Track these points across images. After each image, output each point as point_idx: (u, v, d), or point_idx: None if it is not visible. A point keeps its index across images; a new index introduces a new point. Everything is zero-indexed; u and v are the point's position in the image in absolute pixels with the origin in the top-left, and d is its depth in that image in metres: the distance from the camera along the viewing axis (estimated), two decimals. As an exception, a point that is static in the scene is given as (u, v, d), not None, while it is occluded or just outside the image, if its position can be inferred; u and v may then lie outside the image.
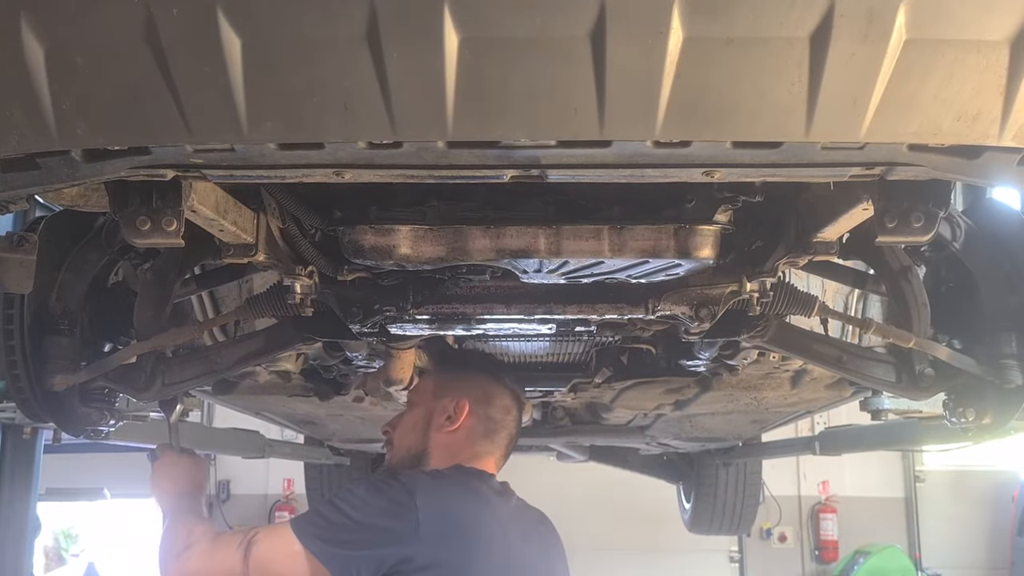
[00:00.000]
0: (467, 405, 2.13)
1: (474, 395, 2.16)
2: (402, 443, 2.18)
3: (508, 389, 2.23)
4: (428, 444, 2.12)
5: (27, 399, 2.23)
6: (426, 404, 2.19)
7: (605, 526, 11.17)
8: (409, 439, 2.17)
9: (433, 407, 2.16)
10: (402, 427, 2.21)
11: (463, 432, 2.11)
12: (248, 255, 1.83)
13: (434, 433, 2.13)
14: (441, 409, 2.14)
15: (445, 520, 1.89)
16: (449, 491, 1.98)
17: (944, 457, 10.53)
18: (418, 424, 2.17)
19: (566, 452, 5.30)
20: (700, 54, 1.12)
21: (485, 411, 2.16)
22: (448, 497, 1.96)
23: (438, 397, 2.18)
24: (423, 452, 2.13)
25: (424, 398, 2.21)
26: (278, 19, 1.11)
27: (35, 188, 1.36)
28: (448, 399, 2.15)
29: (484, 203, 1.82)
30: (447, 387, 2.20)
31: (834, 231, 1.76)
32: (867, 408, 3.68)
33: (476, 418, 2.14)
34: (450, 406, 2.14)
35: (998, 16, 1.12)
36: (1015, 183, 1.34)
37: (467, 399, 2.14)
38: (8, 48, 1.13)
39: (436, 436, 2.12)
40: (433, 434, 2.13)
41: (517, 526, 2.09)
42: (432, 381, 2.27)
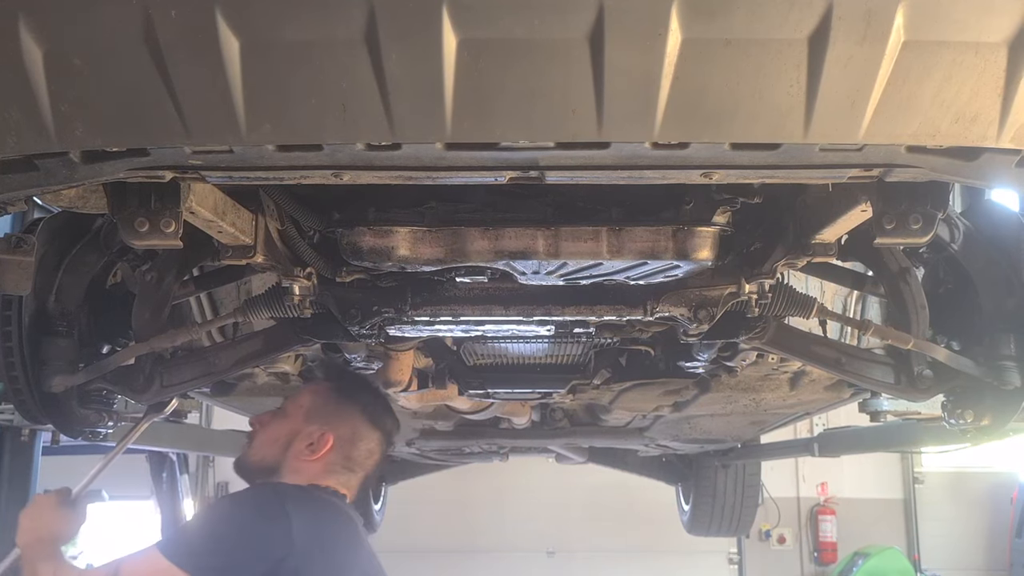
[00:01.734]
0: (331, 440, 2.08)
1: (342, 431, 2.11)
2: (260, 450, 2.14)
3: (379, 431, 2.18)
4: (283, 463, 2.08)
5: (25, 401, 2.23)
6: (295, 422, 2.13)
7: (604, 528, 11.16)
8: (267, 450, 2.12)
9: (299, 429, 2.11)
10: (266, 434, 2.16)
11: (320, 464, 2.07)
12: (247, 256, 1.83)
13: (291, 456, 2.08)
14: (306, 435, 2.09)
15: (315, 528, 1.89)
16: (315, 502, 1.98)
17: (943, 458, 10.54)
18: (280, 439, 2.12)
19: (565, 454, 5.30)
20: (699, 55, 1.12)
21: (347, 450, 2.11)
22: (315, 508, 1.96)
23: (308, 420, 2.12)
24: (276, 469, 2.08)
25: (295, 413, 2.15)
26: (276, 20, 1.11)
27: (33, 189, 1.36)
28: (316, 427, 2.10)
29: (483, 205, 1.82)
30: (320, 413, 2.14)
31: (832, 233, 1.77)
32: (866, 409, 3.68)
33: (336, 455, 2.09)
34: (316, 434, 2.08)
35: (996, 18, 1.12)
36: (1013, 184, 1.35)
37: (333, 434, 2.09)
38: (7, 49, 1.13)
39: (293, 460, 2.08)
40: (291, 457, 2.08)
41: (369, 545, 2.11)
42: (310, 399, 2.21)
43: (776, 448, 5.37)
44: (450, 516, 10.92)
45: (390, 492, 6.84)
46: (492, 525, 11.20)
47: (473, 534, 11.11)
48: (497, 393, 3.16)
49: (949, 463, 10.98)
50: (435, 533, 10.72)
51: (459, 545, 10.97)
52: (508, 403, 3.57)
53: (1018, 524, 10.39)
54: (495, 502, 11.18)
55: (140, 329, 2.20)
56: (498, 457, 5.48)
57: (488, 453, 5.18)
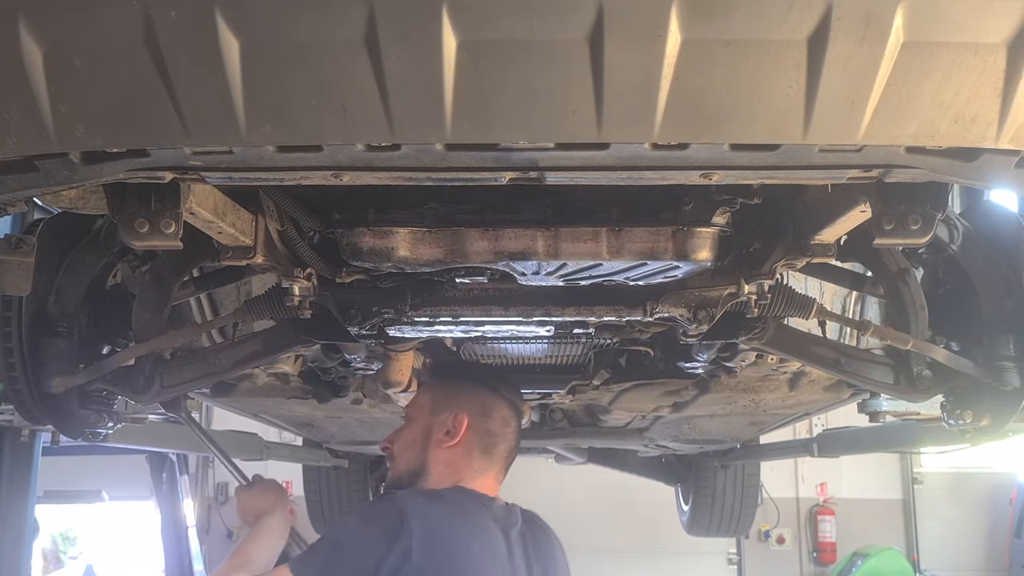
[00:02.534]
0: (466, 419, 2.10)
1: (473, 409, 2.13)
2: (402, 459, 2.15)
3: (506, 400, 2.19)
4: (427, 460, 2.09)
5: (25, 401, 2.23)
6: (424, 419, 2.16)
7: (603, 528, 11.17)
8: (408, 455, 2.14)
9: (431, 422, 2.13)
10: (400, 443, 2.18)
11: (463, 447, 2.08)
12: (246, 257, 1.83)
13: (433, 449, 2.10)
14: (440, 424, 2.11)
15: (438, 542, 1.87)
16: (444, 513, 1.95)
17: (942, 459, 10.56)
18: (416, 440, 2.14)
19: (564, 454, 5.29)
20: (698, 56, 1.12)
21: (484, 425, 2.13)
22: (442, 520, 1.93)
23: (436, 412, 2.15)
24: (422, 468, 2.10)
25: (422, 413, 2.18)
26: (276, 21, 1.11)
27: (33, 190, 1.36)
28: (446, 414, 2.12)
29: (482, 205, 1.82)
30: (444, 401, 2.17)
31: (832, 233, 1.77)
32: (865, 410, 3.68)
33: (475, 432, 2.10)
34: (449, 420, 2.10)
35: (995, 18, 1.12)
36: (1012, 185, 1.35)
37: (466, 413, 2.11)
38: (7, 50, 1.13)
39: (435, 452, 2.09)
40: (432, 450, 2.10)
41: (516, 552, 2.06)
42: (429, 395, 2.24)
43: (775, 448, 5.37)
44: (450, 516, 10.92)
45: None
46: (492, 525, 11.19)
47: (473, 534, 11.10)
48: (496, 393, 3.16)
49: (948, 463, 11.00)
50: (435, 533, 10.71)
51: (459, 545, 10.96)
52: (507, 404, 3.56)
53: (1017, 524, 10.41)
54: (495, 502, 11.16)
55: (140, 330, 2.20)
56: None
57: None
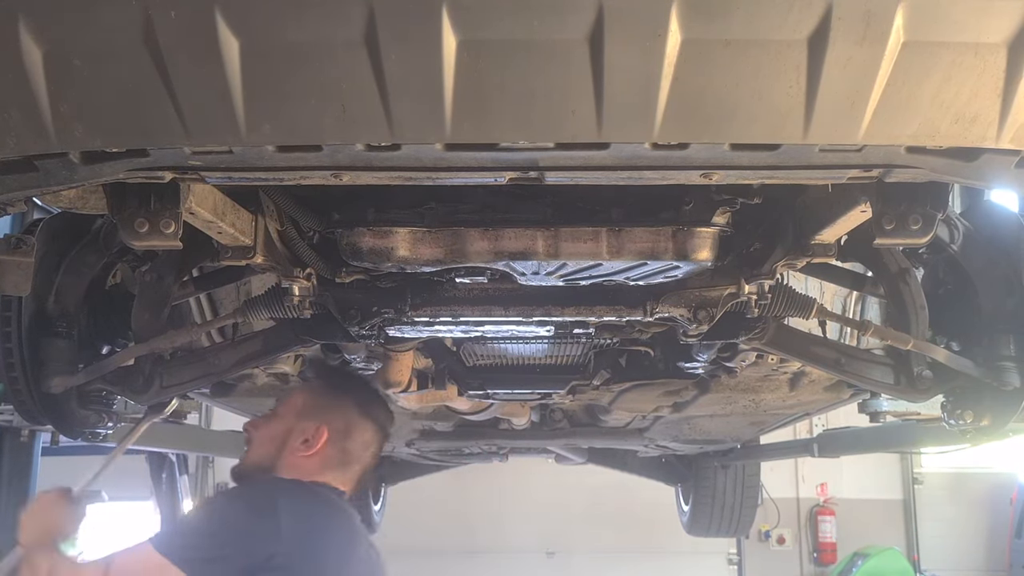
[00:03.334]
0: (326, 434, 2.09)
1: (336, 425, 2.12)
2: (256, 451, 2.14)
3: (373, 423, 2.19)
4: (279, 462, 2.08)
5: (25, 401, 2.23)
6: (288, 421, 2.14)
7: (603, 528, 11.16)
8: (263, 450, 2.13)
9: (293, 426, 2.12)
10: (261, 434, 2.17)
11: (316, 459, 2.08)
12: (246, 257, 1.83)
13: (288, 453, 2.09)
14: (300, 431, 2.10)
15: (306, 523, 1.89)
16: (309, 497, 1.99)
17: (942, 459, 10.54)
18: (276, 438, 2.12)
19: (564, 454, 5.29)
20: (698, 56, 1.12)
21: (342, 443, 2.12)
22: (308, 503, 1.97)
23: (301, 417, 2.13)
24: (273, 467, 2.08)
25: (288, 414, 2.16)
26: (276, 21, 1.11)
27: (33, 190, 1.36)
28: (310, 423, 2.10)
29: (482, 205, 1.82)
30: (312, 409, 2.15)
31: (832, 233, 1.77)
32: (865, 410, 3.68)
33: (332, 448, 2.10)
34: (311, 430, 2.09)
35: (995, 19, 1.12)
36: (1013, 185, 1.35)
37: (327, 428, 2.10)
38: (7, 50, 1.13)
39: (289, 456, 2.08)
40: (287, 454, 2.09)
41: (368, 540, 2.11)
42: (302, 398, 2.22)
43: (776, 449, 5.37)
44: (450, 516, 10.92)
45: (390, 492, 6.83)
46: (492, 525, 11.20)
47: (473, 534, 11.11)
48: (496, 394, 3.16)
49: (949, 464, 10.99)
50: (435, 533, 10.71)
51: (459, 545, 10.97)
52: (507, 404, 3.57)
53: (1017, 524, 10.39)
54: (495, 502, 11.17)
55: (140, 330, 2.20)
56: (498, 458, 5.47)
57: (488, 454, 5.18)
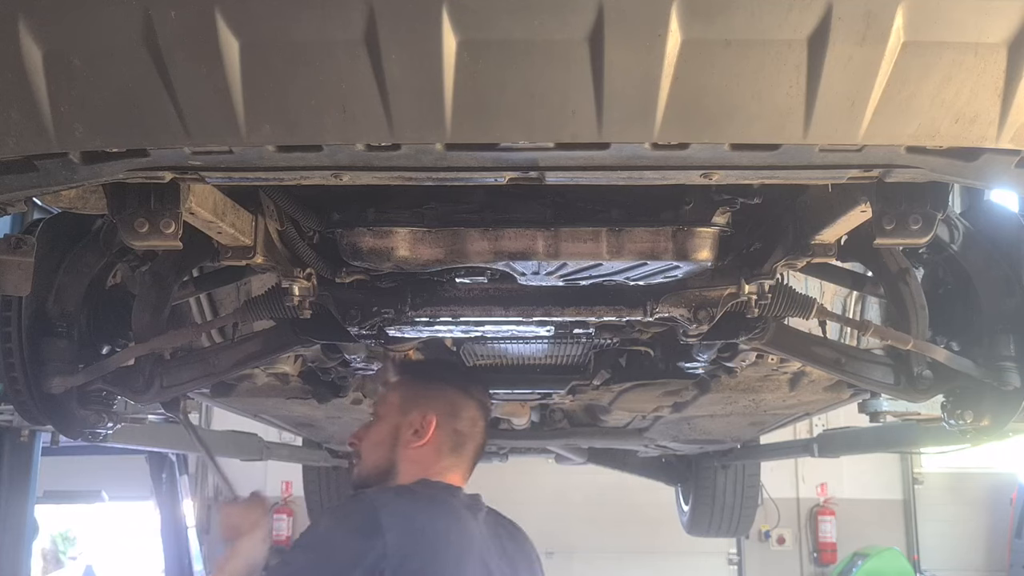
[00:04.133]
0: (434, 419, 2.09)
1: (441, 409, 2.12)
2: (369, 458, 2.15)
3: (475, 400, 2.18)
4: (396, 459, 2.08)
5: (25, 401, 2.23)
6: (392, 418, 2.14)
7: (604, 528, 11.17)
8: (376, 454, 2.13)
9: (400, 422, 2.12)
10: (368, 441, 2.17)
11: (431, 447, 2.07)
12: (246, 257, 1.82)
13: (402, 448, 2.09)
14: (408, 424, 2.10)
15: (412, 534, 1.87)
16: (416, 506, 1.95)
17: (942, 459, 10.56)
18: (385, 439, 2.12)
19: (564, 454, 5.29)
20: (698, 56, 1.12)
21: (452, 425, 2.11)
22: (414, 512, 1.93)
23: (404, 411, 2.13)
24: (391, 467, 2.09)
25: (391, 412, 2.16)
26: (276, 21, 1.11)
27: (33, 190, 1.36)
28: (415, 413, 2.11)
29: (482, 205, 1.82)
30: (413, 400, 2.15)
31: (832, 233, 1.76)
32: (865, 410, 3.69)
33: (444, 432, 2.09)
34: (417, 420, 2.09)
35: (996, 18, 1.12)
36: (1013, 185, 1.34)
37: (434, 413, 2.10)
38: (7, 50, 1.13)
39: (404, 451, 2.08)
40: (401, 449, 2.09)
41: (488, 539, 2.07)
42: (398, 394, 2.22)
43: (776, 449, 5.38)
44: (450, 517, 10.92)
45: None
46: (492, 526, 11.19)
47: (473, 535, 11.10)
48: (496, 394, 3.16)
49: (949, 464, 11.00)
50: (435, 534, 10.70)
51: (459, 546, 10.96)
52: (507, 404, 3.57)
53: (1017, 524, 10.40)
54: (495, 502, 11.13)
55: (140, 330, 2.20)
56: (497, 458, 5.48)
57: (487, 454, 5.18)
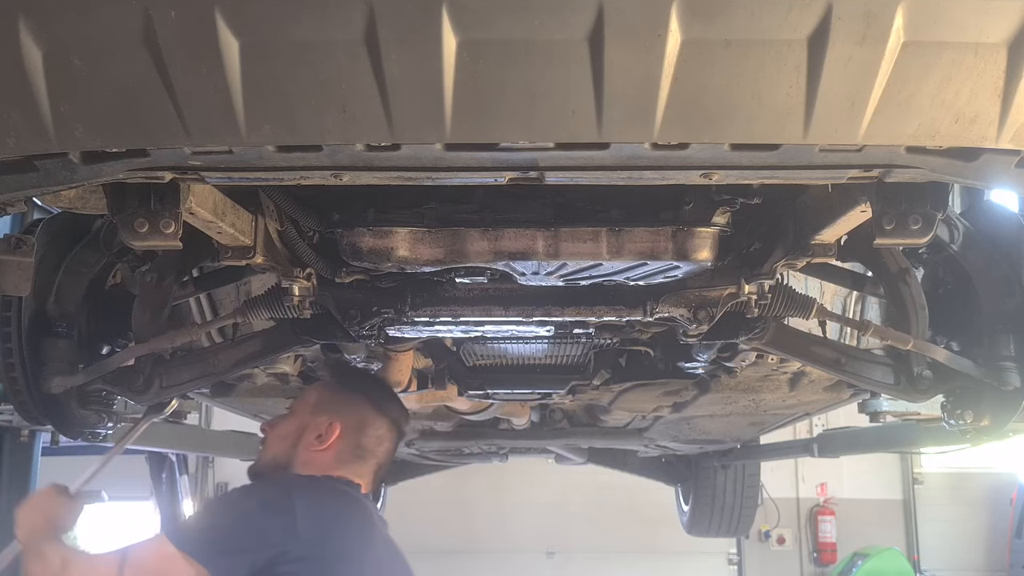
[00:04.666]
0: (338, 428, 2.10)
1: (349, 420, 2.14)
2: (271, 448, 2.16)
3: (387, 419, 2.20)
4: (294, 458, 2.10)
5: (25, 401, 2.23)
6: (302, 417, 2.16)
7: (603, 528, 11.17)
8: (278, 447, 2.15)
9: (307, 422, 2.14)
10: (275, 432, 2.19)
11: (330, 454, 2.09)
12: (246, 257, 1.83)
13: (302, 449, 2.11)
14: (314, 426, 2.12)
15: (322, 517, 1.90)
16: (326, 492, 2.00)
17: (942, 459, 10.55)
18: (290, 435, 2.14)
19: (564, 454, 5.29)
20: (698, 56, 1.12)
21: (356, 438, 2.13)
22: (325, 498, 1.97)
23: (315, 413, 2.15)
24: (288, 464, 2.10)
25: (302, 410, 2.18)
26: (276, 21, 1.11)
27: (33, 190, 1.36)
28: (323, 418, 2.12)
29: (482, 205, 1.82)
30: (326, 405, 2.17)
31: (832, 233, 1.77)
32: (865, 410, 3.69)
33: (345, 443, 2.11)
34: (323, 425, 2.11)
35: (996, 19, 1.12)
36: (1013, 185, 1.35)
37: (340, 422, 2.11)
38: (7, 50, 1.13)
39: (303, 452, 2.10)
40: (301, 449, 2.11)
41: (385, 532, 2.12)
42: (316, 394, 2.24)
43: (776, 449, 5.38)
44: (450, 516, 10.93)
45: (390, 492, 6.83)
46: (492, 525, 11.20)
47: (473, 534, 11.11)
48: (496, 394, 3.16)
49: (948, 464, 10.99)
50: (435, 533, 10.71)
51: (459, 545, 10.97)
52: (507, 404, 3.57)
53: (1017, 524, 10.40)
54: (495, 502, 11.18)
55: (140, 330, 2.20)
56: (498, 458, 5.48)
57: (488, 454, 5.18)
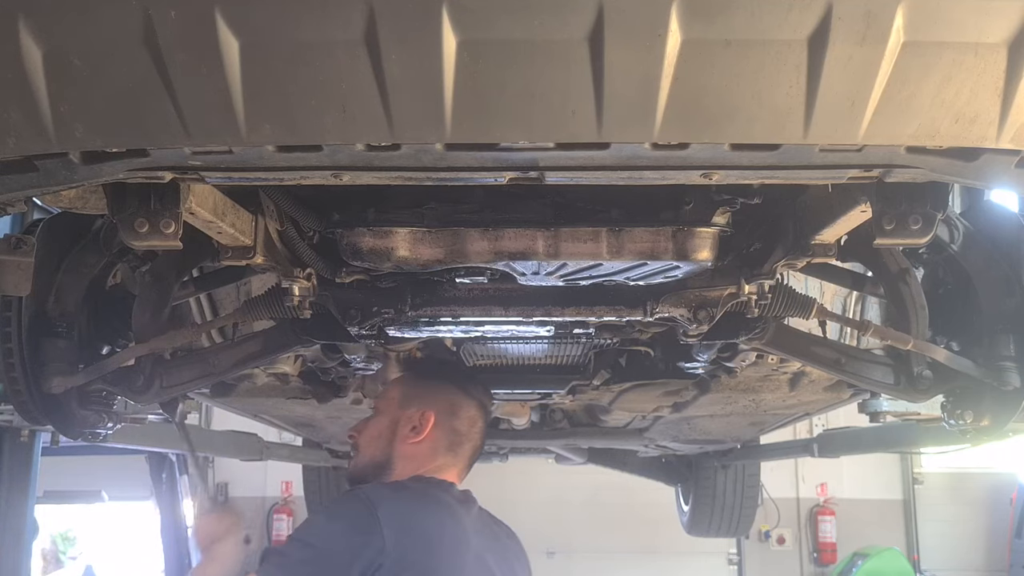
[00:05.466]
0: (432, 417, 2.11)
1: (440, 406, 2.14)
2: (367, 451, 2.16)
3: (475, 400, 2.19)
4: (392, 454, 2.10)
5: (25, 402, 2.23)
6: (392, 413, 2.16)
7: (604, 528, 11.18)
8: (373, 448, 2.15)
9: (399, 417, 2.14)
10: (367, 435, 2.19)
11: (427, 444, 2.09)
12: (246, 257, 1.83)
13: (399, 444, 2.11)
14: (407, 419, 2.12)
15: (410, 530, 1.88)
16: (412, 501, 1.97)
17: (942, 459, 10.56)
18: (383, 434, 2.15)
19: (564, 454, 5.30)
20: (698, 56, 1.12)
21: (450, 423, 2.13)
22: (412, 508, 1.94)
23: (404, 407, 2.15)
24: (387, 462, 2.10)
25: (390, 407, 2.19)
26: (276, 21, 1.11)
27: (33, 190, 1.36)
28: (414, 409, 2.13)
29: (482, 205, 1.82)
30: (413, 397, 2.18)
31: (832, 233, 1.76)
32: (865, 410, 3.69)
33: (441, 430, 2.11)
34: (415, 417, 2.11)
35: (996, 18, 1.12)
36: (1013, 185, 1.34)
37: (433, 410, 2.12)
38: (7, 50, 1.13)
39: (400, 447, 2.10)
40: (398, 445, 2.11)
41: (482, 535, 2.08)
42: (399, 390, 2.25)
43: (776, 449, 5.38)
44: (450, 517, 10.92)
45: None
46: (492, 526, 11.19)
47: (473, 535, 11.10)
48: (496, 394, 3.16)
49: (949, 464, 11.00)
50: (435, 534, 10.70)
51: (459, 546, 10.96)
52: (507, 404, 3.57)
53: (1017, 525, 10.41)
54: (495, 502, 11.09)
55: (140, 330, 2.20)
56: (498, 458, 5.48)
57: (487, 454, 5.18)
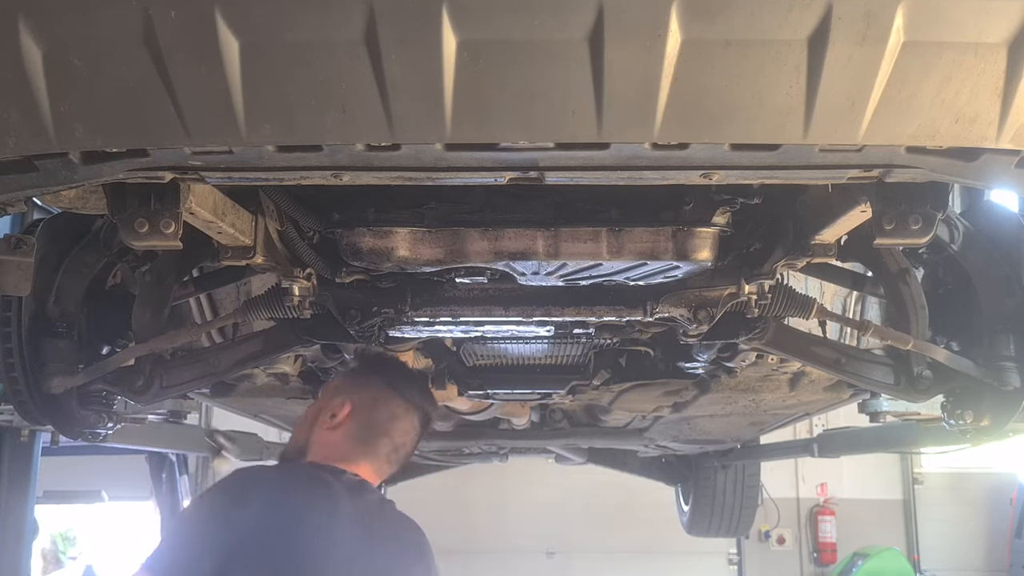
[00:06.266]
0: (349, 407, 2.11)
1: (361, 400, 2.14)
2: (295, 433, 2.20)
3: (404, 400, 2.19)
4: (311, 439, 2.12)
5: (25, 401, 2.23)
6: (322, 401, 2.20)
7: (603, 528, 11.17)
8: (298, 432, 2.18)
9: (325, 405, 2.17)
10: (299, 419, 2.23)
11: (340, 432, 2.10)
12: (246, 257, 1.83)
13: (317, 430, 2.12)
14: (328, 408, 2.14)
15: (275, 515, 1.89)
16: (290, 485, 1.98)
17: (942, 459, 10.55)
18: (308, 419, 2.18)
19: (564, 454, 5.29)
20: (698, 56, 1.12)
21: (367, 416, 2.13)
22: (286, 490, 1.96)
23: (333, 396, 2.17)
24: (305, 446, 2.12)
25: (324, 395, 2.22)
26: (276, 21, 1.11)
27: (33, 190, 1.36)
28: (339, 399, 2.15)
29: (482, 205, 1.82)
30: (343, 388, 2.20)
31: (832, 233, 1.77)
32: (865, 410, 3.68)
33: (355, 422, 2.11)
34: (337, 406, 2.13)
35: (996, 18, 1.12)
36: (1013, 185, 1.34)
37: (351, 402, 2.13)
38: (7, 50, 1.13)
39: (318, 432, 2.12)
40: (316, 430, 2.13)
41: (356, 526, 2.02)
42: (338, 379, 2.29)
43: (776, 449, 5.38)
44: (450, 517, 10.91)
45: (390, 492, 6.84)
46: (492, 525, 11.21)
47: (473, 535, 11.11)
48: (496, 394, 3.16)
49: (949, 464, 11.00)
50: (435, 533, 10.53)
51: (459, 546, 10.95)
52: (507, 404, 3.57)
53: (1017, 524, 10.40)
54: (495, 502, 11.18)
55: (140, 330, 2.20)
56: (498, 458, 5.48)
57: (488, 454, 5.18)
